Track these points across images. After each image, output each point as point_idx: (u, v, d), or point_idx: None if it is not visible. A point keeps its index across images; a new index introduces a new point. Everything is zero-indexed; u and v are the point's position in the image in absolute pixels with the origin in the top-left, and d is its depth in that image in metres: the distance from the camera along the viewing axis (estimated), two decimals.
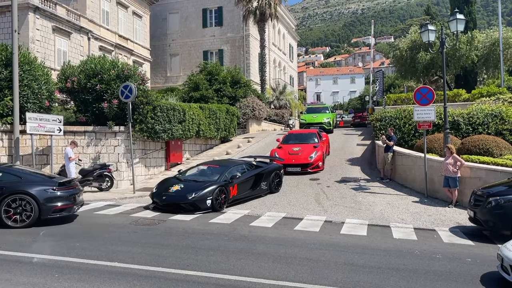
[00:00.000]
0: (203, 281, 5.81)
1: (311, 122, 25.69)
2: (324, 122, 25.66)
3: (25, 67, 13.78)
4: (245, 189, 12.38)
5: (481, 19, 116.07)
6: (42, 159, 14.15)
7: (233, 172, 12.24)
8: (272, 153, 16.45)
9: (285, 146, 16.93)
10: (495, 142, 13.42)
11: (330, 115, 26.91)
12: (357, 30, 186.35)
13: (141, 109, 15.71)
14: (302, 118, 27.34)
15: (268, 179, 13.20)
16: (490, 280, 6.16)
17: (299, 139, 17.72)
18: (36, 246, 7.44)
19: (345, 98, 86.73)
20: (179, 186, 11.46)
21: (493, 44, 30.22)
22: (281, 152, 16.43)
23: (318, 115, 26.37)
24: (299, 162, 15.88)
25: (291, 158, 16.01)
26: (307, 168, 15.78)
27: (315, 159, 15.96)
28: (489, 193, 8.93)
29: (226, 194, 11.50)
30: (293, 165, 15.84)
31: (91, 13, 29.61)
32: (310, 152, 16.22)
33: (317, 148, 16.48)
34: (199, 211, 10.86)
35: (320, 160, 16.10)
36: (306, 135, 18.16)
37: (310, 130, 19.72)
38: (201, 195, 10.97)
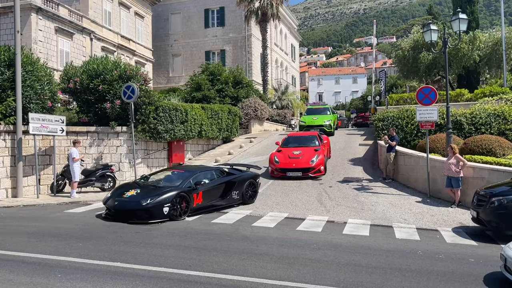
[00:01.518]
0: (205, 281, 5.81)
1: (311, 124, 24.25)
2: (325, 124, 24.17)
3: (27, 68, 13.81)
4: (213, 197, 11.27)
5: (484, 18, 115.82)
6: (45, 159, 14.18)
7: (199, 178, 11.07)
8: (272, 157, 15.83)
9: (285, 150, 16.19)
10: (498, 142, 13.39)
11: (331, 117, 25.51)
12: (359, 30, 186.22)
13: (143, 109, 15.73)
14: (302, 120, 25.75)
15: (241, 188, 11.96)
16: (493, 281, 6.14)
17: (299, 142, 16.95)
18: (39, 246, 7.45)
19: (347, 98, 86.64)
20: (135, 191, 10.37)
21: (496, 44, 30.14)
22: (281, 155, 15.75)
23: (318, 117, 24.99)
24: (299, 166, 15.08)
25: (292, 162, 15.24)
26: (308, 172, 15.01)
27: (316, 163, 15.12)
28: (492, 193, 8.91)
29: (188, 202, 10.40)
30: (294, 169, 15.09)
31: (93, 13, 29.67)
32: (311, 156, 15.32)
33: (318, 152, 15.62)
34: (155, 219, 9.75)
35: (321, 164, 15.30)
36: (306, 138, 17.38)
37: (310, 132, 18.69)
38: (157, 201, 9.82)
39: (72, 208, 11.58)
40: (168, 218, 9.93)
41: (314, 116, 25.20)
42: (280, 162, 15.36)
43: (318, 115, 25.30)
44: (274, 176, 15.38)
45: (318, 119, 24.50)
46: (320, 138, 17.27)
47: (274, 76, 43.97)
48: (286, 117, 34.76)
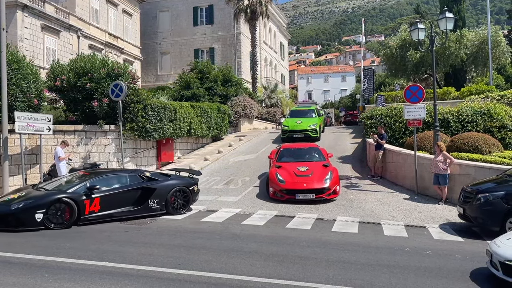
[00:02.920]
0: (194, 280, 5.79)
1: (294, 129, 21.43)
2: (310, 129, 21.29)
3: (13, 66, 13.59)
4: (117, 205, 9.79)
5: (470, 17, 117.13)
6: (31, 158, 14.00)
7: (96, 183, 9.63)
8: (273, 175, 12.56)
9: (287, 165, 13.04)
10: (484, 139, 13.57)
11: (316, 120, 22.47)
12: (347, 28, 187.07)
13: (131, 108, 15.61)
14: (284, 123, 22.32)
15: (164, 197, 10.41)
16: (480, 276, 6.23)
17: (298, 156, 14.07)
18: (26, 246, 7.36)
19: (336, 96, 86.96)
20: (19, 194, 9.40)
21: (482, 42, 30.56)
22: (284, 173, 12.53)
23: (302, 120, 22.02)
24: (311, 186, 11.94)
25: (301, 181, 12.12)
26: (322, 194, 11.91)
27: (332, 183, 12.08)
28: (478, 190, 9.04)
29: (74, 210, 9.00)
30: (305, 190, 11.92)
31: (80, 11, 29.34)
32: (323, 174, 12.35)
33: (330, 168, 12.79)
34: (24, 226, 8.59)
35: (337, 183, 12.40)
36: (306, 150, 14.58)
37: (310, 144, 16.00)
38: (27, 207, 8.68)
39: None
40: (44, 227, 8.68)
41: (298, 119, 22.31)
42: (286, 181, 12.15)
43: (303, 118, 22.44)
44: (278, 199, 12.10)
45: (302, 123, 21.69)
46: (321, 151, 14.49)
47: (264, 74, 43.96)
48: (275, 115, 34.79)
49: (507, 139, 15.05)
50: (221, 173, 16.29)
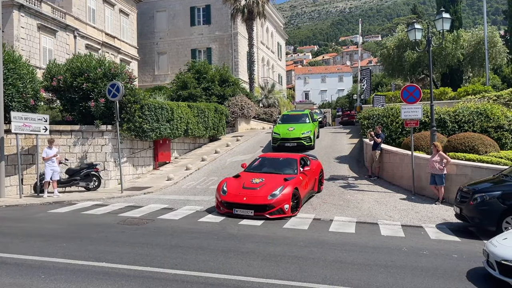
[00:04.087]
0: (191, 280, 5.79)
1: (286, 137, 19.09)
2: (303, 136, 19.06)
3: (9, 66, 13.56)
4: None
5: (467, 18, 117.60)
6: (28, 158, 13.95)
7: None
8: (221, 184, 11.13)
9: (245, 175, 11.57)
10: (480, 139, 13.62)
11: (310, 126, 20.08)
12: (344, 28, 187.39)
13: (128, 108, 15.58)
14: (275, 131, 19.86)
15: None
16: (476, 276, 6.25)
17: (273, 166, 12.28)
18: (23, 247, 7.33)
19: (333, 96, 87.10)
20: None
21: (479, 43, 30.68)
22: (234, 183, 11.00)
23: (295, 127, 19.69)
24: (252, 201, 10.22)
25: (243, 194, 10.43)
26: (263, 212, 10.12)
27: (278, 199, 10.18)
28: (474, 190, 9.07)
29: None
30: (243, 205, 10.26)
31: (77, 11, 29.26)
32: (275, 187, 10.50)
33: (289, 182, 10.77)
34: None
35: (286, 201, 10.27)
36: (284, 161, 12.52)
37: (291, 155, 13.45)
38: None
39: (56, 208, 11.42)
40: None
41: (290, 126, 19.99)
42: (229, 193, 10.62)
43: (295, 125, 20.17)
44: (220, 213, 10.65)
45: (295, 130, 19.40)
46: (305, 162, 12.65)
47: (261, 75, 43.97)
48: (272, 115, 34.78)
49: (503, 139, 15.11)
50: (218, 173, 16.27)
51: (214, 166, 17.75)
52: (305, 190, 11.57)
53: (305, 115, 21.73)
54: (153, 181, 15.78)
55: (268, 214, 10.14)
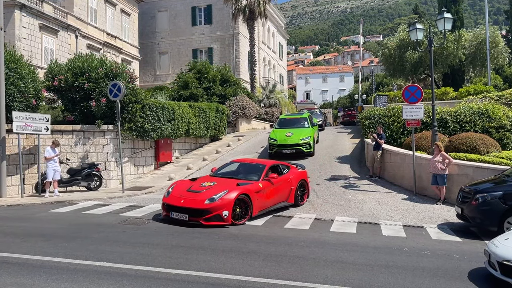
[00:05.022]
0: (193, 280, 5.79)
1: (283, 143, 17.72)
2: (302, 143, 17.72)
3: (11, 65, 13.57)
4: None
5: (468, 18, 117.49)
6: (29, 158, 13.97)
7: None
8: (169, 187, 10.54)
9: (203, 178, 10.88)
10: (482, 139, 13.60)
11: (309, 131, 18.71)
12: (346, 28, 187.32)
13: (130, 107, 15.59)
14: (272, 136, 18.42)
15: None
16: (478, 276, 6.24)
17: (238, 171, 11.40)
18: (24, 247, 7.33)
19: (335, 96, 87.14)
20: None
21: (480, 43, 30.65)
22: (182, 186, 10.23)
23: (293, 132, 18.32)
24: (188, 205, 9.38)
25: (183, 197, 9.62)
26: (199, 217, 9.21)
27: (216, 205, 9.22)
28: (476, 190, 9.06)
29: None
30: (180, 208, 9.44)
31: (78, 10, 29.29)
32: (217, 192, 9.51)
33: (238, 187, 9.75)
34: None
35: (225, 208, 9.24)
36: (251, 166, 11.51)
37: (263, 161, 12.42)
38: None
39: (57, 208, 11.43)
40: None
41: (288, 130, 18.60)
42: (171, 194, 9.92)
43: (293, 129, 18.74)
44: (162, 216, 10.07)
45: (293, 136, 18.01)
46: (280, 170, 11.55)
47: (262, 75, 43.96)
48: (274, 115, 34.78)
49: (505, 140, 15.09)
50: None
51: (215, 166, 17.71)
52: (266, 199, 10.34)
53: (303, 118, 20.31)
54: (154, 181, 15.79)
55: (203, 220, 9.17)
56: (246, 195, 9.71)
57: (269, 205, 10.62)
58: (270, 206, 10.66)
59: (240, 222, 9.53)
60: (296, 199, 11.59)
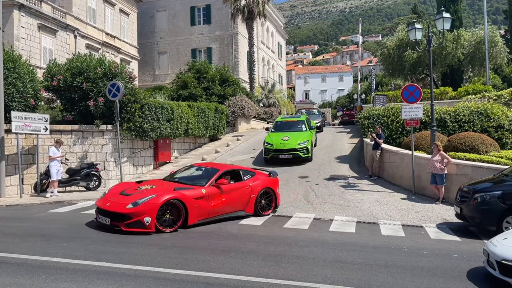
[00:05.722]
0: (192, 280, 5.78)
1: (280, 148, 16.92)
2: (300, 147, 16.91)
3: (9, 65, 13.55)
4: None
5: (467, 17, 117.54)
6: (28, 158, 13.95)
7: None
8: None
9: (147, 182, 10.25)
10: (480, 139, 13.61)
11: (307, 135, 17.78)
12: (345, 28, 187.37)
13: (128, 107, 15.58)
14: (267, 140, 17.61)
15: None
16: (477, 276, 6.25)
17: (193, 176, 10.73)
18: (23, 247, 7.32)
19: (334, 96, 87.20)
20: None
21: (479, 42, 30.66)
22: (119, 188, 9.73)
23: (290, 136, 17.43)
24: (111, 209, 8.75)
25: (111, 200, 9.06)
26: (120, 222, 8.51)
27: (138, 210, 8.48)
28: (475, 190, 9.07)
29: None
30: (104, 212, 8.86)
31: (77, 10, 29.26)
32: (144, 196, 8.82)
33: (174, 193, 8.98)
34: None
35: (148, 214, 8.47)
36: (205, 170, 10.66)
37: (221, 165, 11.38)
38: None
39: (56, 208, 11.42)
40: None
41: (285, 134, 17.70)
42: (103, 198, 9.42)
43: (290, 133, 17.87)
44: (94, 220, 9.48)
45: (289, 140, 17.14)
46: (238, 176, 10.60)
47: (261, 74, 43.96)
48: (273, 115, 34.78)
49: (503, 139, 15.10)
50: None
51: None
52: (212, 206, 9.49)
53: (301, 121, 19.40)
54: None
55: (123, 226, 8.44)
56: (179, 201, 8.85)
57: (217, 213, 9.68)
58: (219, 215, 9.72)
59: (168, 230, 8.66)
60: (256, 209, 10.44)
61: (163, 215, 8.70)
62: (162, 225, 8.66)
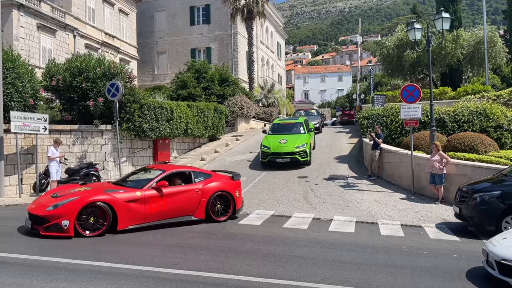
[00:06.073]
0: (191, 280, 5.78)
1: (277, 151, 16.32)
2: (298, 151, 16.35)
3: (8, 65, 13.53)
4: None
5: (466, 17, 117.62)
6: (27, 158, 13.93)
7: None
8: None
9: (88, 185, 9.83)
10: (480, 139, 13.61)
11: (305, 138, 17.24)
12: (344, 28, 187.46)
13: (128, 107, 15.57)
14: (264, 143, 17.00)
15: None
16: (476, 275, 6.25)
17: (139, 178, 10.13)
18: (21, 247, 7.32)
19: (333, 96, 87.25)
20: None
21: (478, 42, 30.65)
22: (53, 191, 9.37)
23: (288, 139, 16.83)
24: (34, 211, 8.32)
25: (40, 203, 8.65)
26: (40, 225, 8.07)
27: (56, 212, 8.02)
28: (474, 190, 9.08)
29: None
30: (29, 215, 8.43)
31: (76, 10, 29.24)
32: (65, 198, 8.31)
33: (102, 195, 8.50)
34: None
35: (67, 217, 7.97)
36: (152, 172, 10.10)
37: (169, 166, 11.24)
38: None
39: None
40: None
41: (282, 137, 17.10)
42: (35, 200, 9.34)
43: (288, 136, 17.31)
44: None
45: (287, 143, 16.56)
46: (188, 178, 9.88)
47: (260, 74, 43.94)
48: (272, 115, 34.76)
49: (503, 139, 15.11)
50: None
51: (213, 166, 17.70)
52: (150, 210, 8.86)
53: (299, 124, 18.83)
54: None
55: (42, 229, 7.97)
56: (106, 204, 8.29)
57: (157, 218, 9.03)
58: (160, 219, 9.06)
59: (90, 234, 8.12)
60: (208, 214, 9.60)
61: (88, 219, 8.20)
62: (84, 228, 8.13)
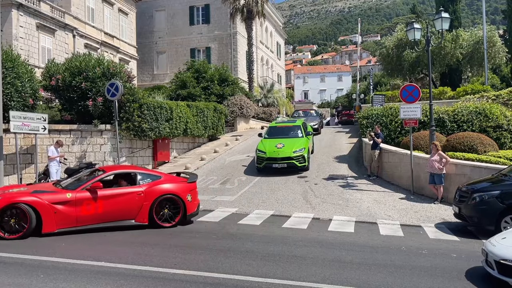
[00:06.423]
0: (191, 280, 5.78)
1: (273, 156, 15.44)
2: (296, 156, 15.44)
3: (7, 65, 13.51)
4: None
5: (466, 17, 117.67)
6: (27, 158, 13.93)
7: None
8: None
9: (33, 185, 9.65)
10: (479, 139, 13.62)
11: (303, 142, 16.29)
12: (344, 28, 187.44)
13: (127, 107, 15.56)
14: (260, 148, 16.09)
15: None
16: (475, 275, 6.26)
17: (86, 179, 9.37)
18: (21, 247, 7.31)
19: (333, 96, 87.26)
20: None
21: (478, 42, 30.68)
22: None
23: (285, 143, 15.95)
24: None
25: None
26: None
27: None
28: (473, 189, 9.08)
29: None
30: None
31: (76, 10, 29.22)
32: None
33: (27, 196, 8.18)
34: None
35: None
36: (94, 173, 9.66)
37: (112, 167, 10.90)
38: None
39: None
40: None
41: (279, 141, 16.23)
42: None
43: (285, 140, 16.43)
44: None
45: (284, 147, 15.68)
46: (133, 180, 9.33)
47: (260, 74, 43.93)
48: (272, 115, 34.75)
49: (502, 139, 15.12)
50: (217, 173, 16.27)
51: (213, 166, 17.72)
52: (82, 213, 8.46)
53: (297, 127, 17.83)
54: None
55: None
56: (28, 206, 7.94)
57: (91, 222, 8.60)
58: (95, 223, 8.63)
59: (10, 236, 7.84)
60: (151, 219, 8.96)
61: (9, 220, 7.90)
62: (5, 230, 7.87)
